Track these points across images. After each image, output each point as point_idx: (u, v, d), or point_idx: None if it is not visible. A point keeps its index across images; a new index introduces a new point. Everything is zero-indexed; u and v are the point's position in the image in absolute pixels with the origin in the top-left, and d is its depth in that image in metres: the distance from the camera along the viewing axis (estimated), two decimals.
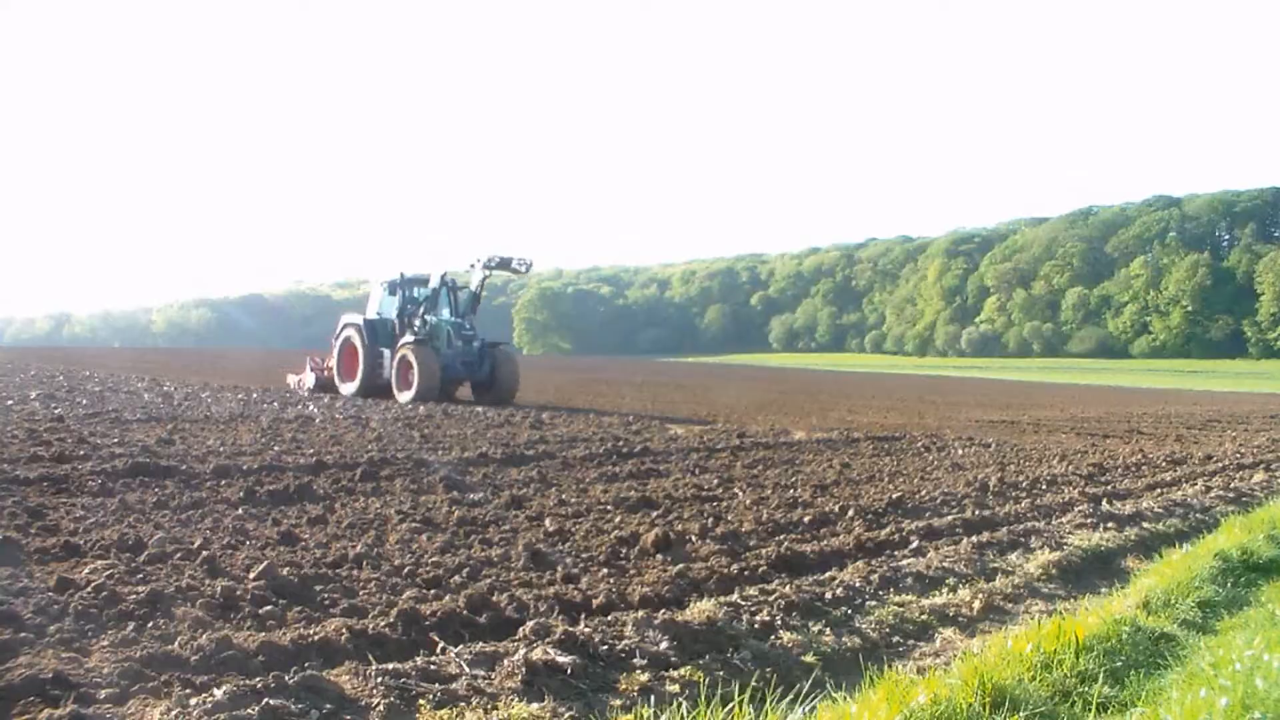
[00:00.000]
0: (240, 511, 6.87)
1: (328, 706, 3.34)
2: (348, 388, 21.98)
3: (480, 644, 4.06)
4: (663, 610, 4.64)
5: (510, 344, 22.48)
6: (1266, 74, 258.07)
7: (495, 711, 3.44)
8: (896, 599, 5.30)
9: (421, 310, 22.04)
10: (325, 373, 23.33)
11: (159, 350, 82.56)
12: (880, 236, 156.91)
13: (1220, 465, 12.45)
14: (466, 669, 3.76)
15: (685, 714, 3.49)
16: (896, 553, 6.51)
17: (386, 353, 21.48)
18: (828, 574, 5.71)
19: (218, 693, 3.29)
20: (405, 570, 5.39)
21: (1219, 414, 25.85)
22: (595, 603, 4.90)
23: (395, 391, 20.73)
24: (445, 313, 21.96)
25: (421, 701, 3.47)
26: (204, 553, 5.44)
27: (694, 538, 6.60)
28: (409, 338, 21.14)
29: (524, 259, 20.90)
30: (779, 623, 4.66)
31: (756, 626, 4.58)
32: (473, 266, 21.08)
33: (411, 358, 20.36)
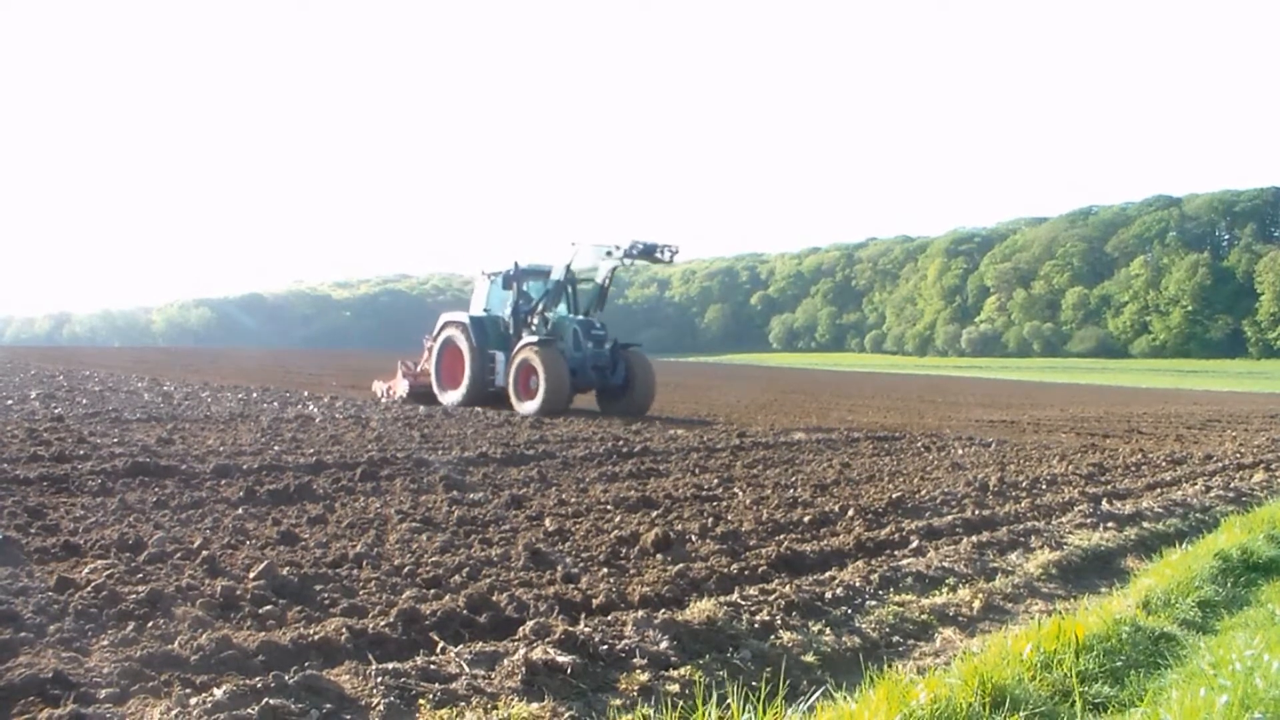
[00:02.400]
0: (240, 511, 6.87)
1: (328, 706, 3.34)
2: (450, 396, 19.19)
3: (480, 644, 4.06)
4: (663, 610, 4.64)
5: (641, 346, 19.68)
6: (1266, 74, 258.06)
7: (495, 711, 3.44)
8: (896, 599, 5.30)
9: (541, 306, 19.09)
10: (421, 379, 20.62)
11: (159, 350, 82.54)
12: (880, 236, 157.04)
13: (1220, 465, 12.45)
14: (466, 669, 3.76)
15: (685, 714, 3.50)
16: (896, 552, 6.51)
17: (499, 356, 18.74)
18: (828, 574, 5.71)
19: (218, 692, 3.29)
20: (405, 570, 5.39)
21: (1219, 414, 25.85)
22: (595, 602, 4.90)
23: (514, 401, 17.97)
24: (561, 309, 19.28)
25: (421, 701, 3.47)
26: (204, 552, 5.44)
27: (694, 537, 6.60)
28: (530, 338, 18.32)
29: (670, 246, 17.72)
30: (779, 622, 4.66)
31: (756, 626, 4.58)
32: (611, 253, 17.92)
33: (535, 361, 17.54)
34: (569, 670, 3.77)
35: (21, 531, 5.84)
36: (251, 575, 4.97)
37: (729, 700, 3.54)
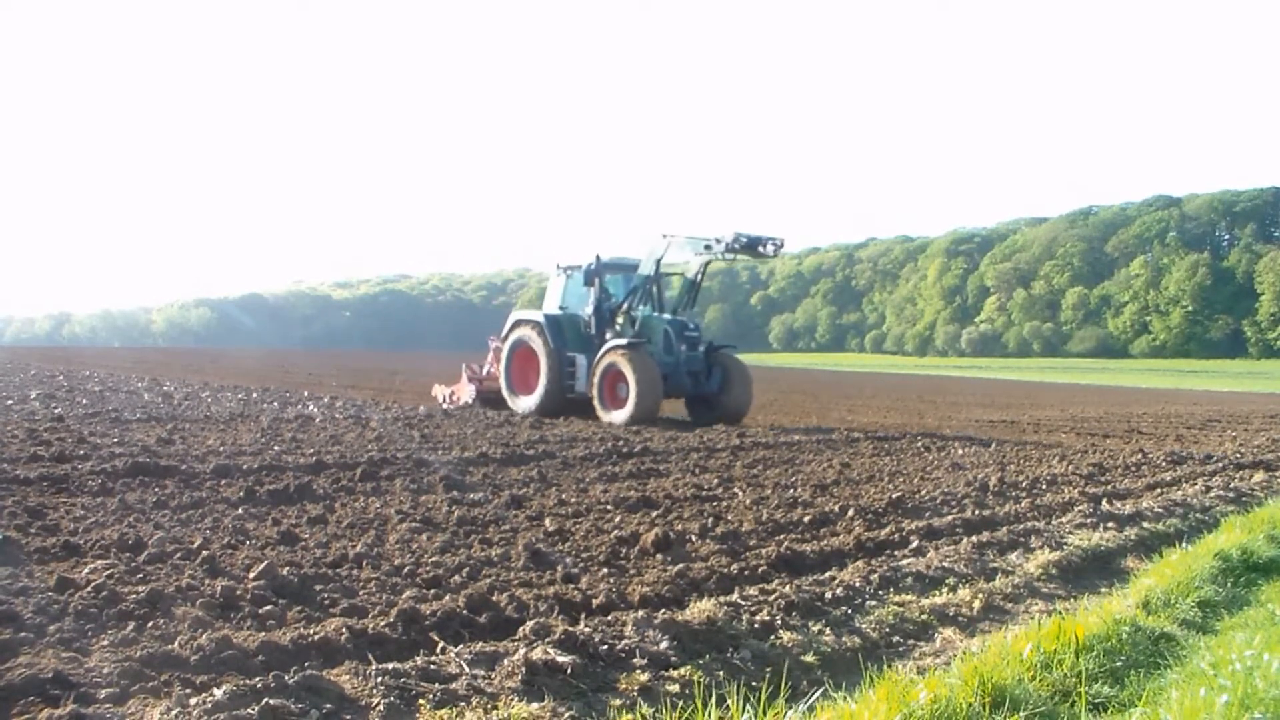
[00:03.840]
0: (240, 511, 6.87)
1: (328, 706, 3.34)
2: (523, 402, 17.74)
3: (480, 644, 4.06)
4: (663, 610, 4.64)
5: (735, 347, 18.19)
6: (1266, 74, 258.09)
7: (495, 711, 3.44)
8: (896, 599, 5.30)
9: (626, 305, 17.55)
10: (488, 383, 19.28)
11: (159, 350, 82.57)
12: (880, 236, 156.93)
13: (1220, 465, 12.44)
14: (466, 669, 3.76)
15: (685, 714, 3.49)
16: (896, 552, 6.51)
17: (580, 359, 17.24)
18: (828, 574, 5.71)
19: (218, 692, 3.29)
20: (405, 570, 5.39)
21: (1219, 414, 25.85)
22: (595, 602, 4.90)
23: (599, 409, 16.52)
24: (644, 307, 17.66)
25: (421, 701, 3.47)
26: (204, 552, 5.44)
27: (694, 537, 6.60)
28: (617, 340, 16.81)
29: (775, 239, 16.13)
30: (779, 622, 4.65)
31: (756, 626, 4.58)
32: (709, 246, 16.31)
33: (624, 366, 16.07)
34: (569, 670, 3.77)
35: (21, 531, 5.84)
36: (251, 575, 4.97)
37: (729, 700, 3.54)
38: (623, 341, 16.57)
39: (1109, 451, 13.83)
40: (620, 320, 17.54)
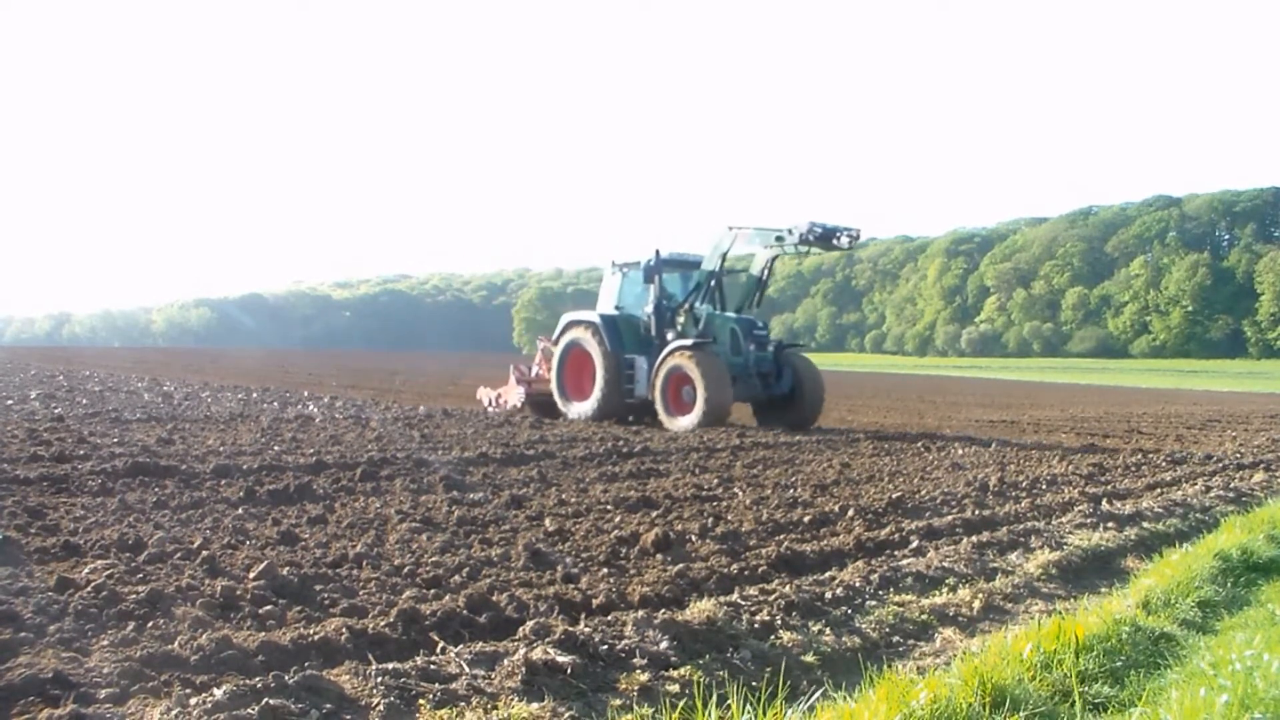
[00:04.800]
0: (240, 511, 6.87)
1: (328, 706, 3.33)
2: (577, 407, 16.83)
3: (480, 644, 4.06)
4: (663, 610, 4.64)
5: (806, 346, 17.60)
6: (1266, 74, 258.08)
7: (495, 711, 3.44)
8: (896, 599, 5.30)
9: (689, 303, 16.63)
10: (538, 387, 18.23)
11: (159, 350, 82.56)
12: (880, 236, 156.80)
13: (1220, 465, 12.44)
14: (466, 669, 3.76)
15: (685, 714, 3.49)
16: (896, 552, 6.51)
17: (639, 361, 16.39)
18: (828, 574, 5.71)
19: (218, 692, 3.28)
20: (405, 570, 5.38)
21: (1219, 414, 25.84)
22: (595, 602, 4.90)
23: (662, 414, 15.71)
24: (706, 307, 16.70)
25: (421, 701, 3.47)
26: (204, 552, 5.44)
27: (694, 537, 6.60)
28: (680, 340, 15.88)
29: (850, 229, 15.12)
30: (779, 622, 4.65)
31: (756, 626, 4.58)
32: (781, 238, 15.19)
33: (690, 368, 15.20)
34: (569, 670, 3.77)
35: (21, 531, 5.84)
36: (251, 575, 4.97)
37: (729, 700, 3.54)
38: (687, 341, 15.69)
39: (1109, 451, 13.83)
40: (682, 319, 16.57)
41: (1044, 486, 9.96)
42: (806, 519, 7.47)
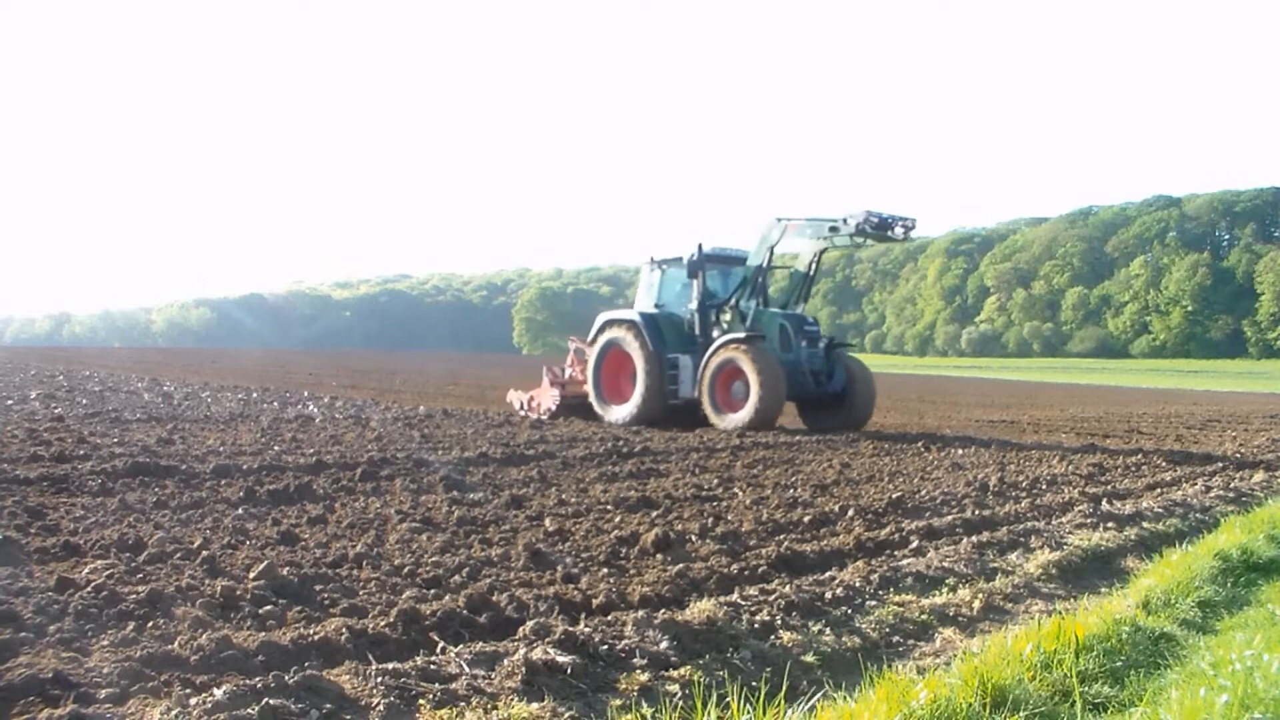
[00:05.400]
0: (240, 511, 6.87)
1: (328, 706, 3.33)
2: (617, 411, 16.13)
3: (480, 644, 4.06)
4: (663, 610, 4.64)
5: (855, 345, 17.02)
6: (1266, 74, 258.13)
7: (495, 711, 3.44)
8: (896, 599, 5.30)
9: (735, 299, 15.97)
10: (573, 390, 17.53)
11: (159, 350, 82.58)
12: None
13: (1220, 465, 12.44)
14: (466, 669, 3.76)
15: (685, 714, 3.49)
16: (896, 552, 6.51)
17: (683, 360, 15.73)
18: (828, 574, 5.71)
19: (218, 692, 3.28)
20: (405, 570, 5.38)
21: (1219, 414, 25.84)
22: (595, 603, 4.90)
23: (711, 413, 15.12)
24: (750, 303, 15.94)
25: (421, 701, 3.47)
26: (204, 553, 5.44)
27: (694, 538, 6.60)
28: (728, 336, 15.24)
29: (906, 220, 14.39)
30: (779, 622, 4.65)
31: (756, 626, 4.58)
32: (836, 229, 14.48)
33: (744, 363, 14.58)
34: (569, 670, 3.77)
35: (21, 531, 5.84)
36: (251, 575, 4.97)
37: (729, 700, 3.54)
38: (739, 335, 15.07)
39: (1109, 451, 13.83)
40: (728, 316, 15.90)
41: (1044, 486, 9.96)
42: (806, 519, 7.47)
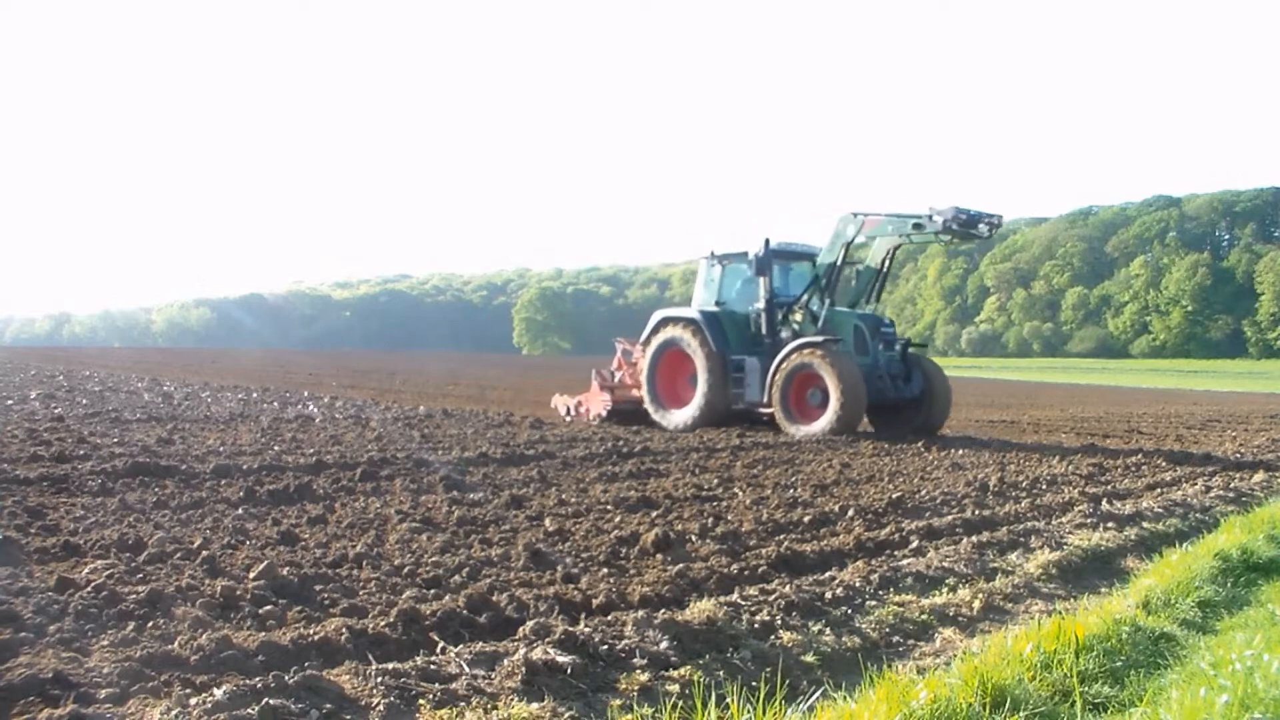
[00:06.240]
0: (240, 511, 6.87)
1: (328, 706, 3.33)
2: (675, 416, 15.46)
3: (480, 644, 4.06)
4: (663, 610, 4.64)
5: (927, 346, 16.51)
6: (1266, 74, 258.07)
7: (495, 711, 3.44)
8: (896, 599, 5.29)
9: (805, 297, 15.31)
10: (625, 393, 16.81)
11: (159, 350, 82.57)
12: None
13: (1220, 465, 12.44)
14: (466, 669, 3.76)
15: (685, 714, 3.49)
16: (896, 552, 6.51)
17: (750, 362, 15.02)
18: (828, 574, 5.71)
19: (218, 692, 3.28)
20: (405, 570, 5.38)
21: (1219, 414, 25.84)
22: (595, 603, 4.90)
23: (783, 421, 14.38)
24: (817, 302, 15.26)
25: (421, 701, 3.47)
26: (204, 553, 5.44)
27: (694, 538, 6.60)
28: (802, 339, 14.49)
29: (993, 217, 13.80)
30: (779, 622, 4.65)
31: (756, 626, 4.57)
32: (921, 225, 13.81)
33: (823, 368, 13.85)
34: (569, 670, 3.77)
35: (21, 531, 5.84)
36: (251, 575, 4.97)
37: (729, 700, 3.54)
38: (816, 339, 14.36)
39: (1109, 451, 13.83)
40: (798, 316, 15.21)
41: (1044, 486, 9.95)
42: (806, 519, 7.47)
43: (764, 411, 15.10)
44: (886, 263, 14.84)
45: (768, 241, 15.10)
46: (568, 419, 16.92)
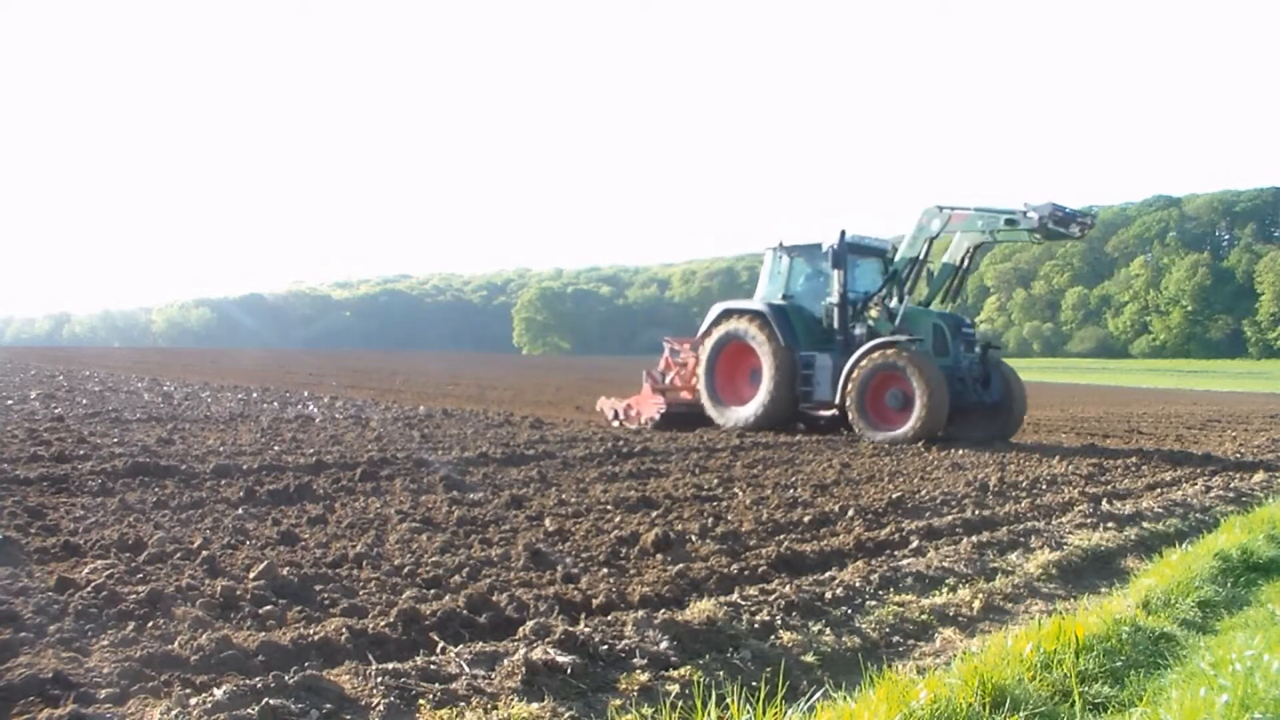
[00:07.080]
0: (240, 511, 6.87)
1: (328, 706, 3.33)
2: (734, 414, 14.73)
3: (480, 644, 4.06)
4: (663, 610, 4.64)
5: (1003, 348, 15.83)
6: (1266, 74, 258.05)
7: (495, 711, 3.44)
8: (896, 599, 5.30)
9: (882, 293, 14.66)
10: (679, 393, 15.90)
11: (159, 350, 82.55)
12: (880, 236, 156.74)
13: (1220, 465, 12.44)
14: (466, 669, 3.76)
15: (685, 714, 3.49)
16: (896, 552, 6.51)
17: (820, 359, 14.27)
18: (828, 574, 5.71)
19: (218, 692, 3.28)
20: (405, 570, 5.38)
21: (1219, 414, 25.85)
22: (595, 603, 4.90)
23: (858, 423, 13.63)
24: (893, 299, 14.69)
25: (421, 701, 3.47)
26: (204, 553, 5.44)
27: (694, 538, 6.60)
28: (881, 339, 13.81)
29: (1085, 218, 13.30)
30: (779, 622, 4.65)
31: (756, 626, 4.57)
32: (1014, 221, 13.20)
33: (908, 370, 13.18)
34: (569, 670, 3.77)
35: (21, 531, 5.83)
36: (251, 575, 4.97)
37: (728, 700, 3.54)
38: (899, 338, 13.67)
39: (1109, 451, 13.83)
40: (874, 314, 14.52)
41: (1044, 486, 9.96)
42: (806, 519, 7.47)
43: (824, 414, 14.55)
44: (966, 260, 14.19)
45: (844, 233, 14.43)
46: (615, 424, 16.19)
